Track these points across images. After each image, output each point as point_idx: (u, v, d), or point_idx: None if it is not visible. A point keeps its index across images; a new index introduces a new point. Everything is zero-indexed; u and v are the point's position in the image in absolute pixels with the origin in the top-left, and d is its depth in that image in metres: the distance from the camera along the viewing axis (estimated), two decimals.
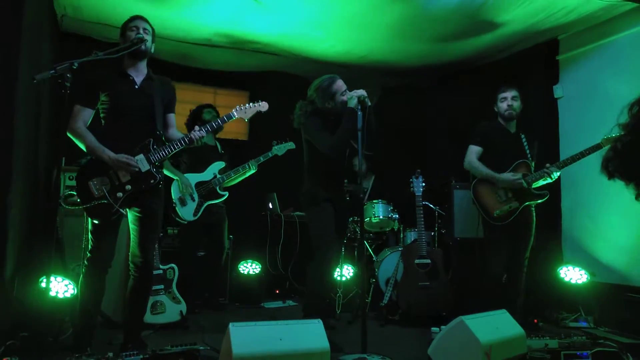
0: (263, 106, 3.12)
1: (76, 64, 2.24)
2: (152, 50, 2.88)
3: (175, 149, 2.82)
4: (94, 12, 4.07)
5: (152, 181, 2.76)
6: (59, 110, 2.33)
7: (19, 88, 2.84)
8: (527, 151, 3.67)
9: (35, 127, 3.41)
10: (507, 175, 3.56)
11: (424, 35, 4.44)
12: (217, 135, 4.59)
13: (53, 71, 2.18)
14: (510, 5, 3.79)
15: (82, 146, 2.70)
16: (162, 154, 2.78)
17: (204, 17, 4.12)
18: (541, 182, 3.54)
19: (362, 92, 3.06)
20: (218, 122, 2.97)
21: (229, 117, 3.00)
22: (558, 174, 3.52)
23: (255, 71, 5.55)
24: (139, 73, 2.85)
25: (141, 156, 2.73)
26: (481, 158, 3.69)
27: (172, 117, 3.00)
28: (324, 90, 3.24)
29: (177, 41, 4.61)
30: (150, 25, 2.85)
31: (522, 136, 3.72)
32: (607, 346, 2.90)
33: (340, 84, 3.25)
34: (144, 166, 2.73)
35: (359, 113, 2.98)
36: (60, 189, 3.58)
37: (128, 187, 2.71)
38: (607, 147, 3.37)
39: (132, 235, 2.84)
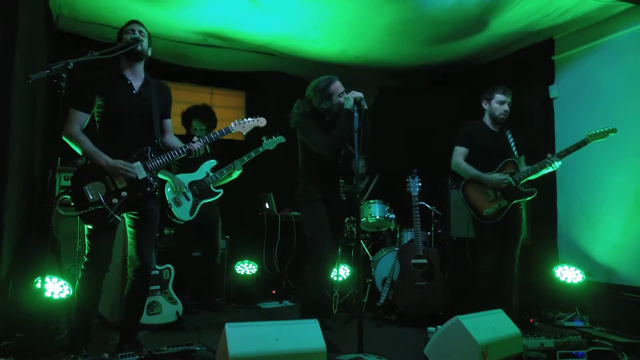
0: (261, 122, 3.18)
1: (72, 64, 2.23)
2: (150, 54, 2.86)
3: (172, 158, 2.82)
4: (89, 11, 4.06)
5: (148, 189, 2.75)
6: (55, 110, 2.32)
7: (15, 88, 2.83)
8: (513, 149, 3.68)
9: (30, 127, 3.40)
10: (495, 176, 3.58)
11: (420, 36, 4.45)
12: None
13: (48, 71, 2.17)
14: (506, 5, 3.80)
15: (78, 150, 2.68)
16: (160, 162, 2.78)
17: (200, 17, 4.11)
18: (543, 172, 3.55)
19: (358, 94, 3.06)
20: (216, 134, 2.99)
21: (227, 130, 3.03)
22: (559, 163, 3.52)
23: (251, 71, 5.55)
24: (137, 77, 2.83)
25: (138, 163, 2.72)
26: (467, 159, 3.71)
27: (168, 122, 3.00)
28: (322, 91, 3.25)
29: (173, 41, 4.61)
30: (146, 29, 2.83)
31: (508, 133, 3.73)
32: (602, 345, 2.92)
33: (337, 85, 3.26)
34: (141, 173, 2.72)
35: (355, 115, 2.98)
36: (56, 190, 3.56)
37: (124, 193, 2.68)
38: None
39: (129, 239, 2.83)
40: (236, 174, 4.29)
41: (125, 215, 2.80)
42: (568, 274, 4.07)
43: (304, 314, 3.21)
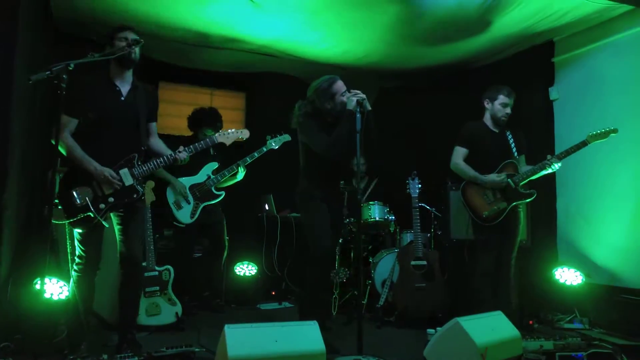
0: (244, 134, 3.27)
1: (72, 65, 2.25)
2: (138, 59, 2.87)
3: (158, 165, 2.87)
4: (90, 12, 4.06)
5: (134, 195, 2.80)
6: (55, 111, 2.33)
7: (15, 89, 2.84)
8: (514, 150, 3.68)
9: (31, 128, 3.40)
10: (492, 176, 3.58)
11: (421, 37, 4.45)
12: None
13: (49, 72, 2.19)
14: (506, 7, 3.81)
15: (66, 154, 2.71)
16: (146, 169, 2.82)
17: (200, 18, 4.11)
18: (543, 173, 3.55)
19: (361, 94, 3.06)
20: (201, 145, 3.03)
21: (212, 141, 3.10)
22: (559, 164, 3.51)
23: (252, 72, 5.55)
24: (125, 82, 2.86)
25: (125, 170, 2.77)
26: (467, 159, 3.71)
27: (154, 125, 3.05)
28: (324, 90, 3.24)
29: (173, 42, 4.61)
30: (137, 36, 2.86)
31: (508, 133, 3.73)
32: (601, 347, 2.93)
33: (340, 85, 3.25)
34: (128, 180, 2.76)
35: (358, 115, 2.98)
36: (55, 191, 3.56)
37: (111, 199, 2.73)
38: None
39: (117, 237, 2.87)
40: (240, 175, 4.28)
41: (112, 215, 2.83)
42: (567, 276, 4.07)
43: (303, 315, 3.21)
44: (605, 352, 2.88)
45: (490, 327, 2.73)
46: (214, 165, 4.30)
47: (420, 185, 4.17)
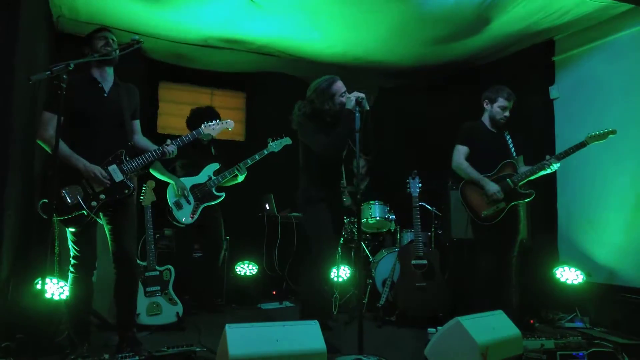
0: (229, 124, 3.26)
1: (72, 65, 2.25)
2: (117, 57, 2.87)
3: (147, 160, 2.86)
4: (90, 12, 4.06)
5: (126, 191, 2.78)
6: (57, 111, 2.34)
7: (16, 89, 2.84)
8: (512, 150, 3.69)
9: (31, 128, 3.41)
10: (493, 187, 3.56)
11: (420, 36, 4.45)
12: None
13: (49, 72, 2.19)
14: (506, 6, 3.81)
15: (52, 152, 2.69)
16: (135, 164, 2.81)
17: (200, 18, 4.11)
18: (541, 173, 3.55)
19: (360, 94, 3.06)
20: (188, 137, 3.02)
21: (198, 133, 3.10)
22: (558, 165, 3.52)
23: (252, 72, 5.55)
24: (107, 80, 2.86)
25: (114, 166, 2.76)
26: (467, 158, 3.71)
27: (137, 123, 3.04)
28: (323, 91, 3.23)
29: (173, 42, 4.61)
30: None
31: (506, 133, 3.74)
32: (602, 346, 2.92)
33: (339, 85, 3.25)
34: (118, 176, 2.75)
35: (357, 115, 2.98)
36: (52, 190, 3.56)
37: (102, 196, 2.72)
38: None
39: (109, 237, 2.85)
40: (241, 177, 4.29)
41: (101, 215, 2.82)
42: (568, 275, 4.07)
43: (304, 314, 3.21)
44: (606, 351, 2.87)
45: (491, 326, 2.72)
46: (215, 166, 4.31)
47: (420, 185, 4.16)
